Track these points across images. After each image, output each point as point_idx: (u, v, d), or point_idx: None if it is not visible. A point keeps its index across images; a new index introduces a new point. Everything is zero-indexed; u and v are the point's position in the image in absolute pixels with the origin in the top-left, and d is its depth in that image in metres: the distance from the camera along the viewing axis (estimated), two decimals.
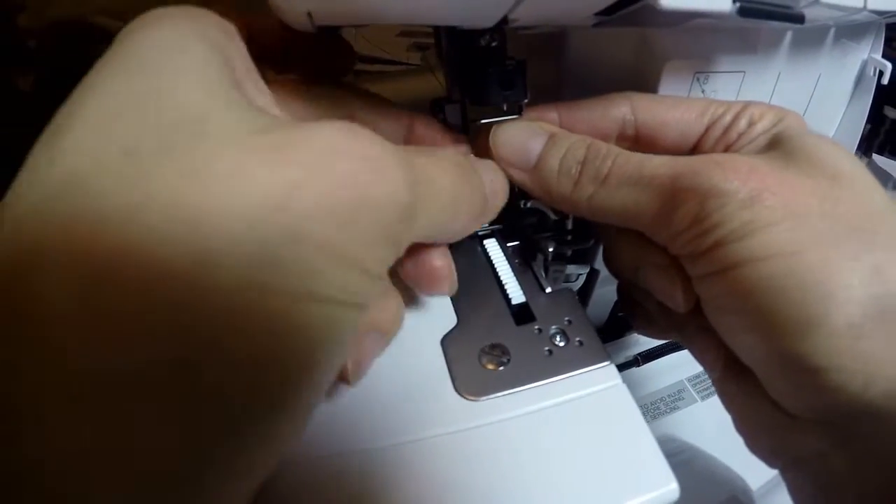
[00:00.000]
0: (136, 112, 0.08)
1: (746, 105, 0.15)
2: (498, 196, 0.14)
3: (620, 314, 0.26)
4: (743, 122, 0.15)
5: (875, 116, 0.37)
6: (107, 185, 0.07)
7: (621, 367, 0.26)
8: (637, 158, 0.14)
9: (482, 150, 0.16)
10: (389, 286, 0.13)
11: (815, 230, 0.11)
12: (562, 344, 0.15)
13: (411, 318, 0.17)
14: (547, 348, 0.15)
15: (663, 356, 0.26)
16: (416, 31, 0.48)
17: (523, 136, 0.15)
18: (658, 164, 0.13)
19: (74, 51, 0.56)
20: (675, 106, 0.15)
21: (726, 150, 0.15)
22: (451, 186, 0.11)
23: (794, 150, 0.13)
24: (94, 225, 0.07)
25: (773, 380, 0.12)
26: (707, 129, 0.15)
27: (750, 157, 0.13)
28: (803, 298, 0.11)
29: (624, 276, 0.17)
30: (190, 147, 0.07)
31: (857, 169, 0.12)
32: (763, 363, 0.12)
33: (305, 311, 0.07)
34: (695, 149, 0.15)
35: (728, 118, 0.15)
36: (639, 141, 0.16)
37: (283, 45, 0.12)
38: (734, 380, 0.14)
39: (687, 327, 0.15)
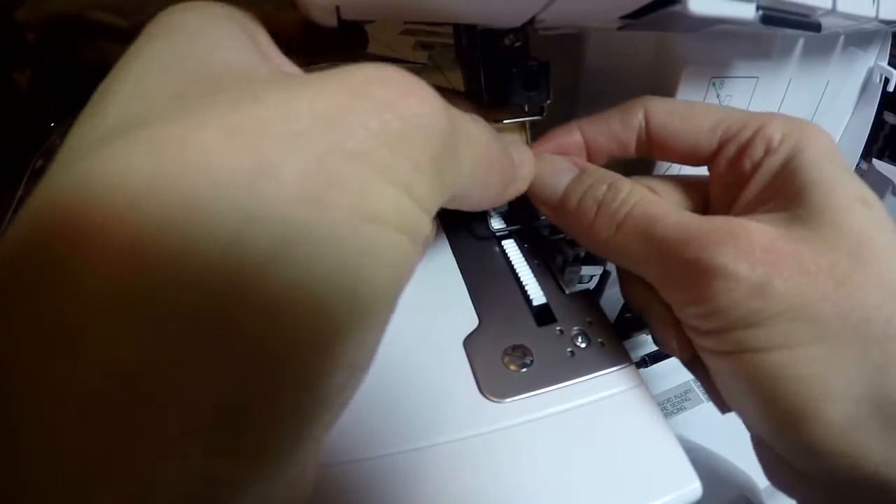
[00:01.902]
0: (180, 67, 0.08)
1: (763, 123, 0.13)
2: (524, 166, 0.14)
3: (628, 315, 0.26)
4: (759, 149, 0.13)
5: (875, 122, 0.38)
6: (156, 122, 0.07)
7: (644, 363, 0.26)
8: (653, 211, 0.13)
9: None
10: None
11: (823, 322, 0.11)
12: (583, 345, 0.15)
13: (433, 320, 0.17)
14: (569, 349, 0.15)
15: (670, 357, 0.26)
16: (419, 30, 0.48)
17: (552, 173, 0.15)
18: (671, 225, 0.12)
19: (72, 46, 0.55)
20: (686, 117, 0.15)
21: (739, 179, 0.14)
22: (484, 138, 0.11)
23: (818, 208, 0.12)
24: (148, 158, 0.06)
25: (774, 447, 0.13)
26: (721, 146, 0.14)
27: (767, 225, 0.12)
28: (803, 391, 0.11)
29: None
30: (238, 88, 0.08)
31: (883, 236, 0.11)
32: (764, 434, 0.13)
33: (361, 232, 0.07)
34: (710, 163, 0.15)
35: (743, 138, 0.14)
36: (653, 148, 0.16)
37: (303, 37, 0.12)
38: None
39: (694, 364, 0.15)
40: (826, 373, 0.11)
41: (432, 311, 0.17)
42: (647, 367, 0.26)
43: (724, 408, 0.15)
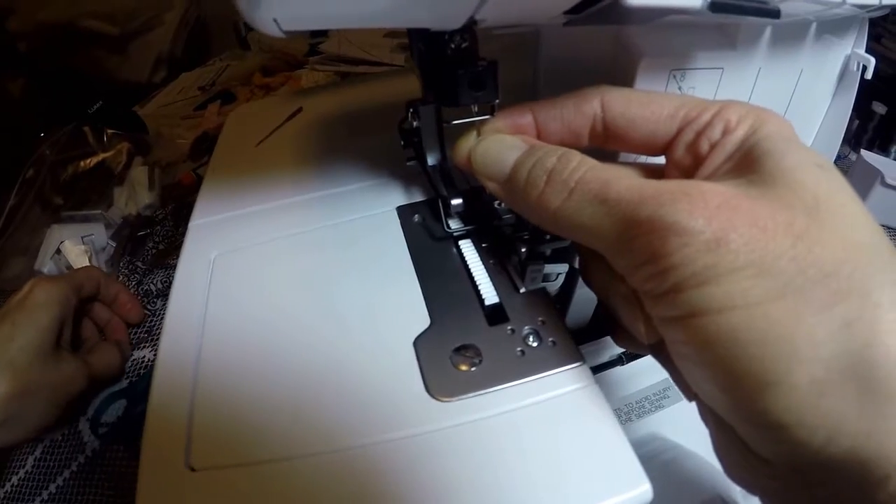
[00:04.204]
0: None
1: (722, 107, 0.13)
2: None
3: (604, 314, 0.26)
4: (717, 130, 0.13)
5: (864, 112, 0.37)
6: None
7: (605, 366, 0.26)
8: (606, 175, 0.13)
9: (456, 153, 0.16)
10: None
11: (782, 277, 0.10)
12: (535, 344, 0.15)
13: (384, 319, 0.17)
14: (519, 349, 0.15)
15: (648, 355, 0.26)
16: (401, 33, 0.48)
17: (500, 149, 0.15)
18: (626, 187, 0.12)
19: (64, 54, 0.56)
20: (646, 104, 0.14)
21: (696, 160, 0.14)
22: None
23: (773, 172, 0.11)
24: None
25: (738, 428, 0.12)
26: (679, 132, 0.14)
27: (722, 186, 0.12)
28: (764, 354, 0.10)
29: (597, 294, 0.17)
30: None
31: (841, 195, 0.11)
32: (726, 414, 0.12)
33: None
34: (666, 150, 0.15)
35: (701, 122, 0.14)
36: (608, 138, 0.15)
37: None
38: (709, 410, 0.13)
39: (661, 353, 0.15)
40: (788, 332, 0.10)
41: (384, 312, 0.17)
42: (623, 364, 0.26)
43: (689, 394, 0.14)
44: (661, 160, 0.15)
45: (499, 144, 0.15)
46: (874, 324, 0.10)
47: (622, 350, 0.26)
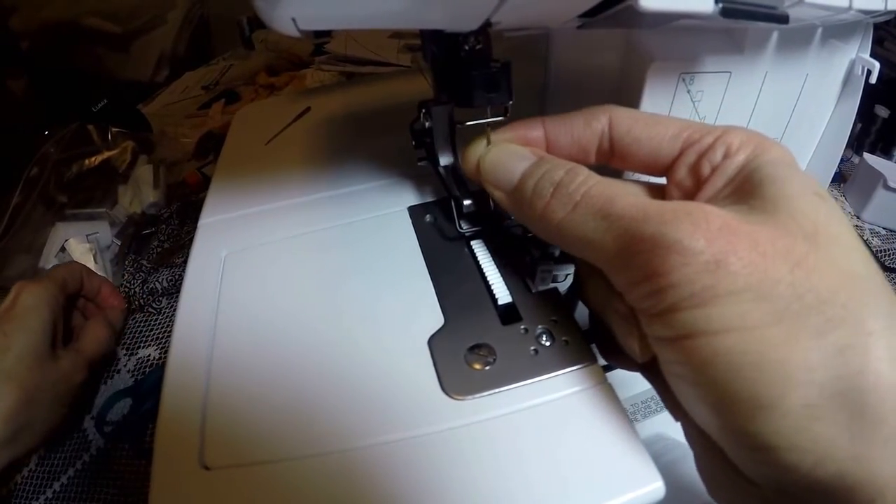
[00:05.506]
0: None
1: (724, 132, 0.14)
2: None
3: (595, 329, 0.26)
4: (718, 154, 0.13)
5: (866, 115, 0.38)
6: None
7: (611, 366, 0.26)
8: (611, 192, 0.13)
9: (466, 160, 0.16)
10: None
11: (780, 303, 0.10)
12: (548, 343, 0.16)
13: (398, 318, 0.17)
14: (533, 348, 0.15)
15: None
16: (407, 33, 0.48)
17: (509, 158, 0.15)
18: (630, 204, 0.12)
19: (67, 53, 0.56)
20: (651, 124, 0.15)
21: (697, 182, 0.14)
22: None
23: (774, 198, 0.12)
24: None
25: (727, 450, 0.12)
26: (681, 153, 0.14)
27: (723, 209, 0.12)
28: (759, 378, 0.10)
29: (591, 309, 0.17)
30: None
31: (838, 225, 0.11)
32: (717, 435, 0.12)
33: None
34: (668, 171, 0.15)
35: (703, 145, 0.14)
36: (614, 155, 0.15)
37: None
38: (696, 431, 0.13)
39: (651, 371, 0.15)
40: (783, 357, 0.10)
41: (398, 311, 0.17)
42: None
43: (676, 414, 0.14)
44: (663, 181, 0.16)
45: (508, 154, 0.15)
46: (866, 351, 0.10)
47: None
